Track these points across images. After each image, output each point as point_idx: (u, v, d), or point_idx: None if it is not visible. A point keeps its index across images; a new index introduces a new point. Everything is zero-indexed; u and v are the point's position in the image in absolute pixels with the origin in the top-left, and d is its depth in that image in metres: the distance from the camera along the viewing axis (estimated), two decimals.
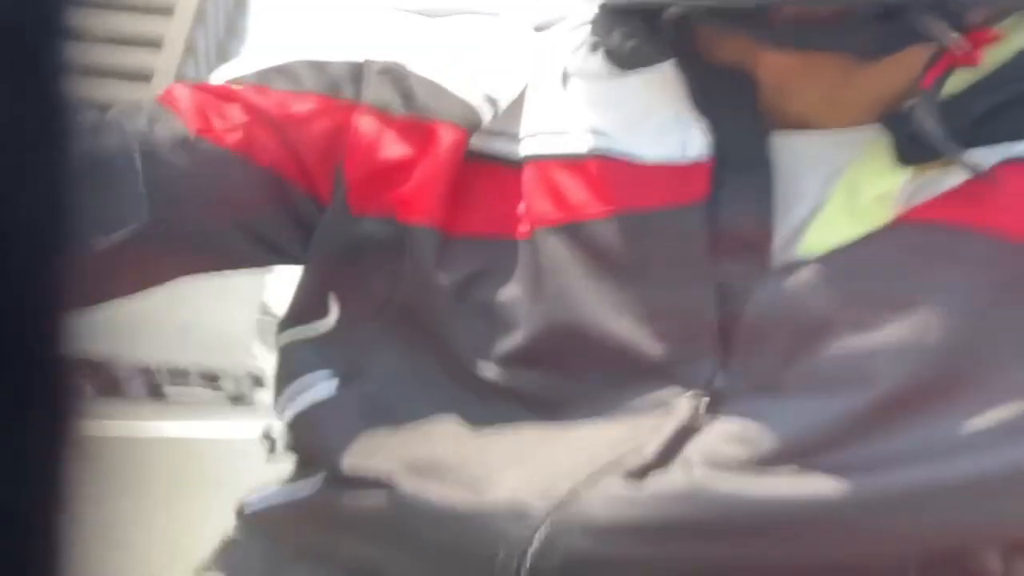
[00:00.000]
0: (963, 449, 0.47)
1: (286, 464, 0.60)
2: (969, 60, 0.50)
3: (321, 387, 0.58)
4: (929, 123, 0.49)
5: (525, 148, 0.56)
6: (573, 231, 0.53)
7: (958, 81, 0.51)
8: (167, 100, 0.58)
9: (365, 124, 0.56)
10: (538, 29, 0.62)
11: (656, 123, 0.54)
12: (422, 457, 0.52)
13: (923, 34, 0.48)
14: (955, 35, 0.48)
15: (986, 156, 0.50)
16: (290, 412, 0.58)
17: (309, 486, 0.57)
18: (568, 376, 0.53)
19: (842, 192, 0.52)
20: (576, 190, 0.54)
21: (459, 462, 0.52)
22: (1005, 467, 0.47)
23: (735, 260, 0.51)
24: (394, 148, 0.56)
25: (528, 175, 0.55)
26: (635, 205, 0.53)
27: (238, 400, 13.50)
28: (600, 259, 0.53)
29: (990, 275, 0.48)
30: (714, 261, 0.51)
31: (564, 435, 0.51)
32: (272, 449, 0.61)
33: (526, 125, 0.57)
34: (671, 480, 0.48)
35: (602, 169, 0.54)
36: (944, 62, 0.50)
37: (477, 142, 0.56)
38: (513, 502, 0.49)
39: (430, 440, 0.53)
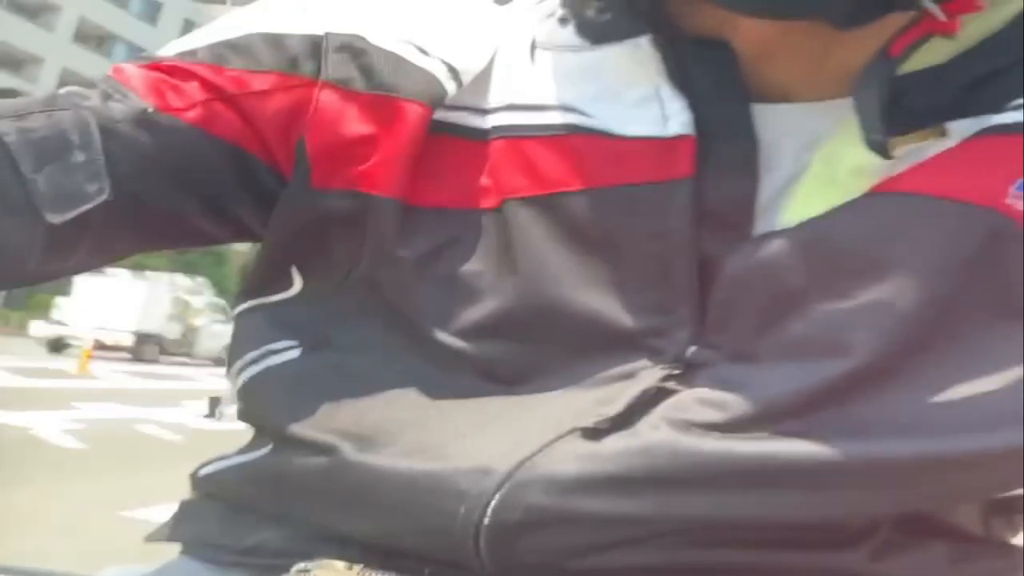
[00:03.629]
0: (938, 422, 0.46)
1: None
2: (947, 28, 0.49)
3: (284, 356, 0.57)
4: (866, 96, 0.49)
5: (493, 121, 0.55)
6: (547, 203, 0.53)
7: (939, 51, 0.51)
8: (119, 78, 0.57)
9: (327, 99, 0.55)
10: (501, 1, 0.62)
11: (633, 97, 0.53)
12: (375, 424, 0.52)
13: (902, 2, 0.47)
14: (933, 3, 0.47)
15: (966, 126, 0.50)
16: (243, 379, 0.58)
17: (260, 451, 0.57)
18: (539, 348, 0.52)
19: (820, 163, 0.51)
20: (551, 164, 0.53)
21: (418, 429, 0.51)
22: (981, 444, 0.46)
23: (717, 233, 0.51)
24: (357, 124, 0.55)
25: (497, 148, 0.54)
26: (615, 180, 0.52)
27: None
28: (575, 232, 0.52)
29: (965, 242, 0.48)
30: (697, 235, 0.51)
31: (529, 404, 0.51)
32: (215, 413, 0.61)
33: (494, 98, 0.56)
34: (636, 437, 0.47)
35: (579, 144, 0.53)
36: (919, 30, 0.49)
37: (440, 114, 0.55)
38: (475, 463, 0.48)
39: (388, 408, 0.53)
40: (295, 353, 0.57)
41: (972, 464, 0.46)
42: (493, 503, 0.47)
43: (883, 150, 0.49)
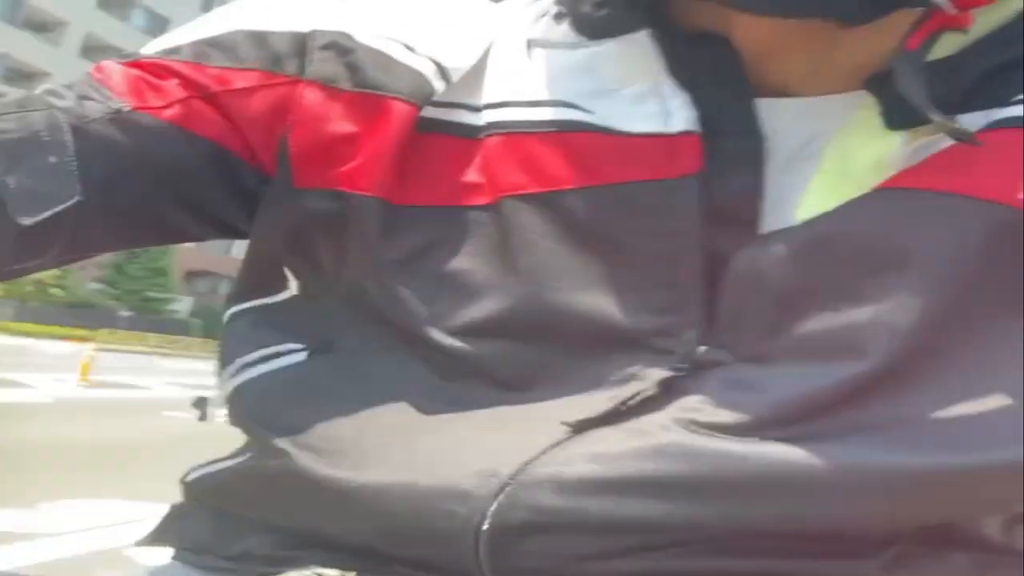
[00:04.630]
0: (957, 431, 0.45)
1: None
2: (959, 22, 0.48)
3: (280, 360, 0.56)
4: (910, 86, 0.47)
5: (488, 117, 0.54)
6: (549, 201, 0.52)
7: (949, 44, 0.50)
8: (98, 76, 0.56)
9: (311, 97, 0.55)
10: None
11: (633, 93, 0.52)
12: (373, 433, 0.51)
13: None
14: None
15: (975, 120, 0.49)
16: (236, 382, 0.57)
17: (250, 455, 0.56)
18: (543, 349, 0.51)
19: (833, 158, 0.50)
20: (551, 161, 0.52)
21: (419, 437, 0.50)
22: (1002, 456, 0.44)
23: (726, 230, 0.49)
24: (341, 122, 0.54)
25: (493, 145, 0.53)
26: (618, 177, 0.51)
27: None
28: (578, 230, 0.51)
29: (976, 239, 0.47)
30: (706, 233, 0.50)
31: (535, 407, 0.50)
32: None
33: (489, 95, 0.55)
34: (647, 438, 0.46)
35: (579, 140, 0.52)
36: (932, 23, 0.48)
37: (430, 112, 0.54)
38: (480, 466, 0.47)
39: (388, 415, 0.51)
40: (292, 358, 0.56)
41: (993, 477, 0.45)
42: (495, 504, 0.46)
43: (965, 135, 0.47)
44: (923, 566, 0.47)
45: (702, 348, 0.49)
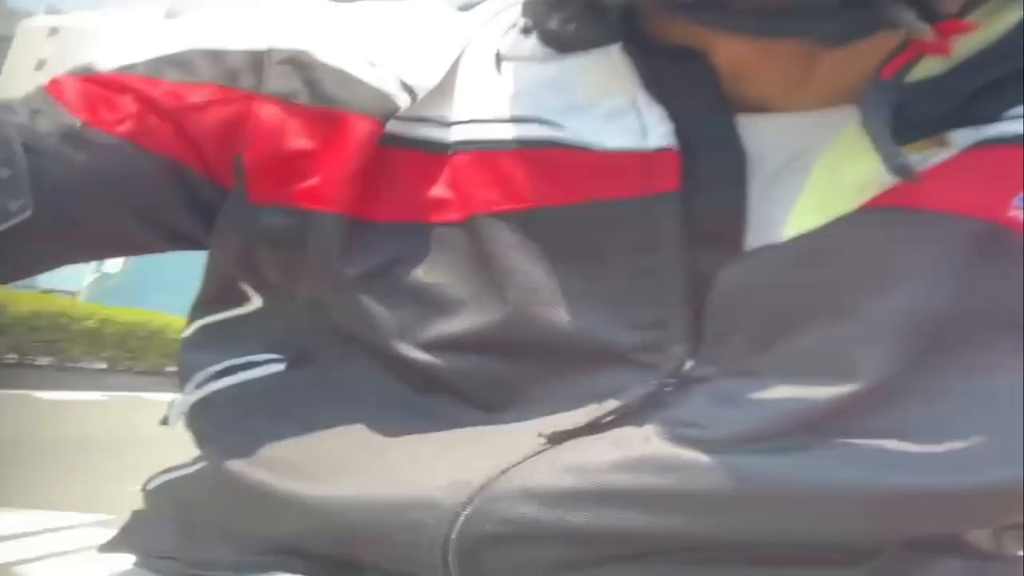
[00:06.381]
0: (944, 451, 0.45)
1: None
2: (938, 49, 0.48)
3: (246, 373, 0.56)
4: (872, 116, 0.47)
5: (458, 134, 0.53)
6: (525, 219, 0.51)
7: (939, 63, 0.49)
8: (53, 91, 0.55)
9: (267, 113, 0.54)
10: (462, 10, 0.60)
11: (607, 108, 0.51)
12: (337, 449, 0.51)
13: (891, 22, 0.46)
14: (924, 25, 0.45)
15: (967, 137, 0.49)
16: (199, 395, 0.57)
17: (207, 463, 0.56)
18: (522, 365, 0.50)
19: (821, 176, 0.49)
20: (525, 178, 0.51)
21: (387, 453, 0.50)
22: (987, 477, 0.45)
23: (708, 247, 0.49)
24: (298, 138, 0.53)
25: (463, 161, 0.53)
26: (595, 195, 0.50)
27: None
28: (557, 248, 0.51)
29: (967, 257, 0.47)
30: (687, 249, 0.49)
31: (514, 420, 0.50)
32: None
33: (458, 111, 0.54)
34: (626, 450, 0.46)
35: (553, 157, 0.51)
36: (911, 51, 0.48)
37: (395, 127, 0.53)
38: (451, 477, 0.47)
39: (354, 432, 0.52)
40: (257, 370, 0.56)
41: (976, 495, 0.45)
42: (465, 513, 0.46)
43: (907, 173, 0.47)
44: (913, 573, 0.47)
45: (689, 363, 0.49)
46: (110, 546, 0.60)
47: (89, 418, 8.25)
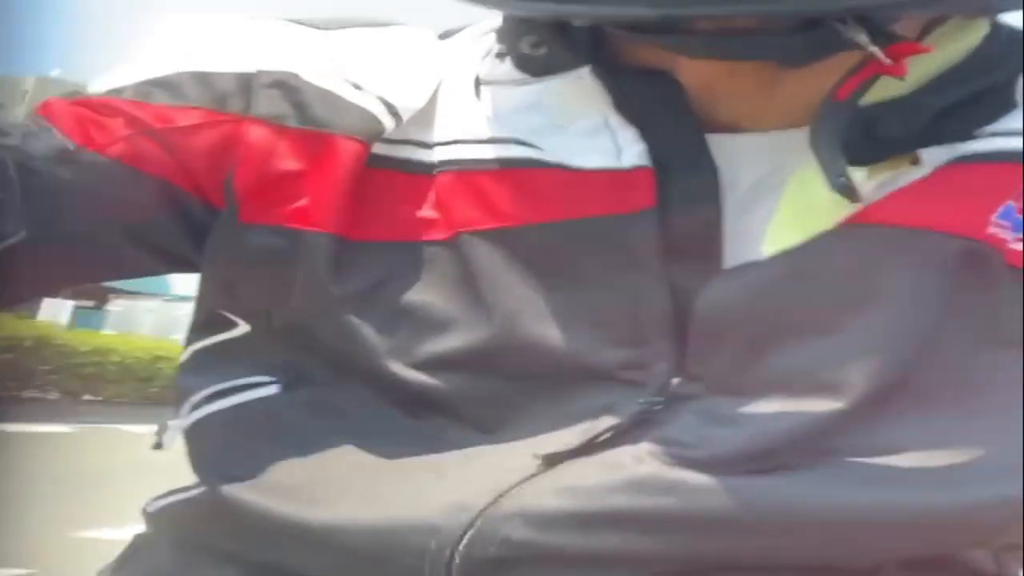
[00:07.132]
0: (931, 469, 0.46)
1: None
2: (894, 71, 0.49)
3: (238, 396, 0.56)
4: (823, 137, 0.49)
5: (440, 155, 0.55)
6: (506, 237, 0.52)
7: (897, 86, 0.51)
8: (45, 114, 0.56)
9: (256, 134, 0.55)
10: (443, 37, 0.62)
11: (581, 128, 0.53)
12: (334, 474, 0.51)
13: (848, 44, 0.47)
14: (875, 48, 0.47)
15: (939, 155, 0.50)
16: (194, 417, 0.57)
17: (205, 487, 0.55)
18: (512, 383, 0.51)
19: (795, 193, 0.51)
20: (504, 198, 0.53)
21: (383, 477, 0.50)
22: (975, 496, 0.45)
23: (686, 265, 0.50)
24: (287, 159, 0.54)
25: (446, 182, 0.54)
26: (573, 213, 0.52)
27: None
28: (537, 266, 0.52)
29: (947, 274, 0.48)
30: (666, 266, 0.50)
31: (507, 440, 0.50)
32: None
33: (440, 132, 0.56)
34: (620, 471, 0.47)
35: (531, 177, 0.53)
36: (866, 72, 0.49)
37: (381, 149, 0.55)
38: (451, 500, 0.47)
39: (350, 455, 0.51)
40: (251, 393, 0.56)
41: (971, 514, 0.46)
42: (466, 538, 0.46)
43: (850, 193, 0.48)
44: None
45: (676, 380, 0.49)
46: (109, 571, 0.60)
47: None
